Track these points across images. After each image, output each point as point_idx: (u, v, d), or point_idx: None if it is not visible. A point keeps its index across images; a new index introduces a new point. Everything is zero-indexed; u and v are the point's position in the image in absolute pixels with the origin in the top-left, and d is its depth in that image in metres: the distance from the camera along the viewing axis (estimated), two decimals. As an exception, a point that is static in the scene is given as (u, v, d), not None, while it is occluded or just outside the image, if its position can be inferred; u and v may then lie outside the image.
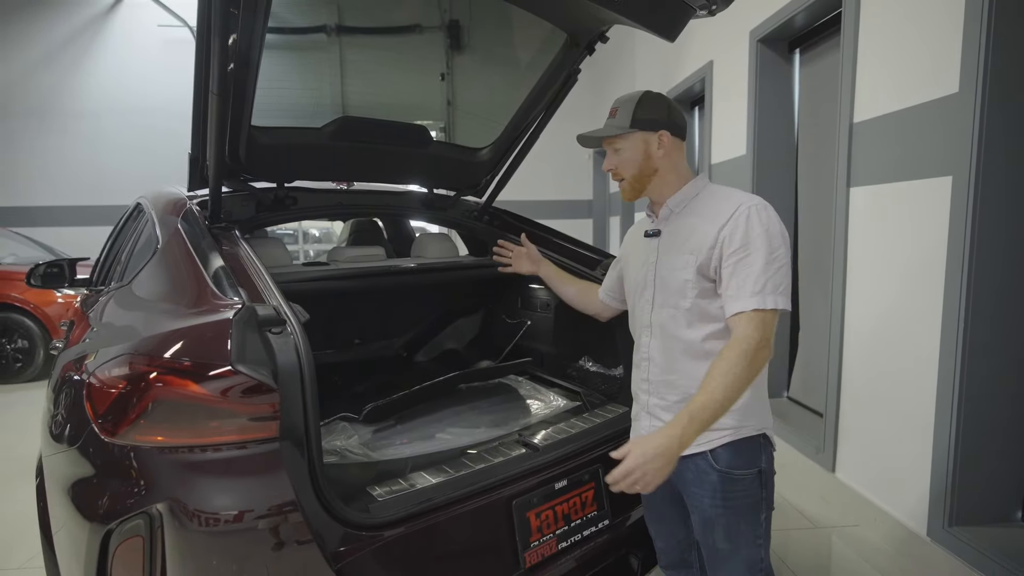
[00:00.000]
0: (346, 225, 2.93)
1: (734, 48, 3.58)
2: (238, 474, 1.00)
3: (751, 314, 1.13)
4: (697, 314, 1.22)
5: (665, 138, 1.26)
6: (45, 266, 2.70)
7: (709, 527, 1.24)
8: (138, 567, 0.98)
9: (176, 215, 1.63)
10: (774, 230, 1.17)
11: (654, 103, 1.27)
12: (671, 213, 1.30)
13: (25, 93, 6.79)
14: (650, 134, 1.26)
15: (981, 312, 1.95)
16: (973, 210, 1.93)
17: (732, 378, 1.09)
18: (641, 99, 1.27)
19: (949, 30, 2.02)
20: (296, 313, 1.21)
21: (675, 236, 1.27)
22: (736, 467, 1.21)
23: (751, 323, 1.13)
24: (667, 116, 1.27)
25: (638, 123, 1.26)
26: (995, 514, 2.04)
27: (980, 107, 1.90)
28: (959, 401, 1.99)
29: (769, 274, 1.14)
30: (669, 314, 1.26)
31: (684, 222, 1.27)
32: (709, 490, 1.22)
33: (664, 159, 1.27)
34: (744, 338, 1.12)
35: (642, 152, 1.27)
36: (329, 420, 1.69)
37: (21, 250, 5.67)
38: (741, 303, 1.14)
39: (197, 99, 1.46)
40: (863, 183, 2.48)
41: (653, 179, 1.29)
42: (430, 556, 1.19)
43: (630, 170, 1.29)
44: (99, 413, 1.04)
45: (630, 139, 1.27)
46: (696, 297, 1.22)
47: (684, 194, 1.29)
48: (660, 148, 1.26)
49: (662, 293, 1.27)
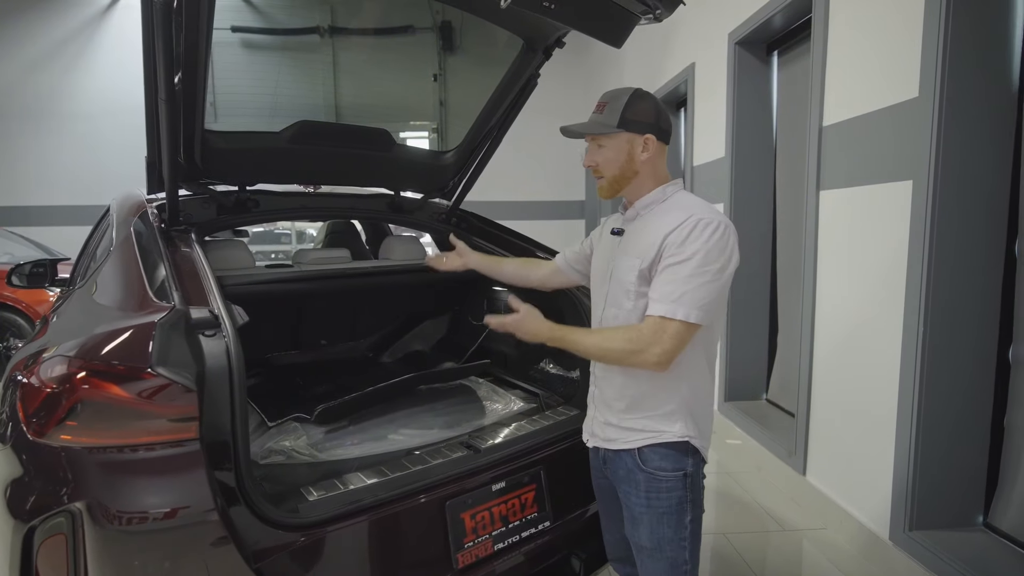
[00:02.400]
0: (323, 227, 2.96)
1: (714, 50, 3.58)
2: (157, 474, 1.02)
3: (657, 319, 1.14)
4: (637, 318, 1.24)
5: (651, 142, 1.24)
6: (31, 265, 2.74)
7: (635, 525, 1.26)
8: (62, 565, 1.00)
9: (133, 217, 1.66)
10: (714, 247, 1.14)
11: (643, 104, 1.24)
12: (636, 215, 1.30)
13: (22, 94, 6.86)
14: (636, 136, 1.23)
15: (940, 316, 1.96)
16: (932, 214, 1.94)
17: (603, 350, 1.20)
18: (631, 98, 1.23)
19: (910, 35, 2.02)
20: (234, 316, 1.23)
21: (632, 238, 1.29)
22: (662, 468, 1.23)
23: (651, 325, 1.15)
24: (655, 119, 1.24)
25: (626, 124, 1.22)
26: (956, 518, 2.04)
27: (939, 112, 1.91)
28: (919, 404, 2.00)
29: (691, 286, 1.13)
30: (613, 314, 1.29)
31: (644, 226, 1.27)
32: (635, 488, 1.25)
33: (646, 163, 1.25)
34: (638, 332, 1.15)
35: (626, 153, 1.24)
36: (282, 420, 1.72)
37: (18, 250, 5.73)
38: (654, 307, 1.15)
39: (148, 103, 1.48)
40: (832, 187, 2.48)
41: (632, 181, 1.28)
42: (357, 557, 1.21)
43: (611, 170, 1.27)
44: (28, 413, 1.06)
45: (615, 138, 1.24)
46: (636, 300, 1.23)
47: (652, 198, 1.28)
48: (644, 152, 1.24)
49: (613, 292, 1.29)
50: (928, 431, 2.00)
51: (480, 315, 2.35)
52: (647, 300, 1.21)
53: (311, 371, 2.20)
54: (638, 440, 1.24)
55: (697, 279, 1.13)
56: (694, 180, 3.97)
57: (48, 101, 6.94)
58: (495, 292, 2.29)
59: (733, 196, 3.40)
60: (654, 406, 1.24)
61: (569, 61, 7.37)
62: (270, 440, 1.60)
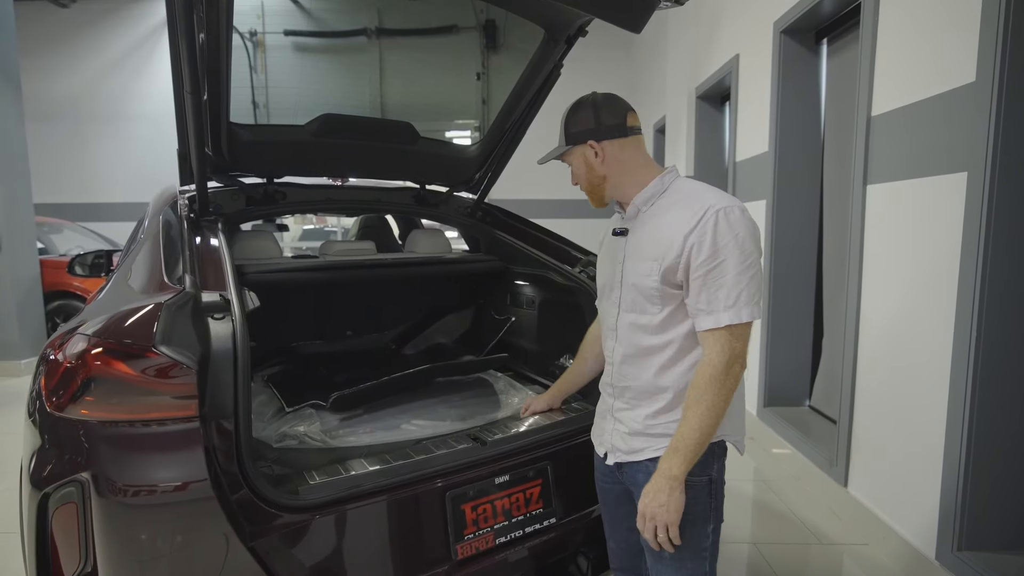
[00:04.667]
0: (356, 220, 3.02)
1: (758, 41, 3.43)
2: (159, 449, 1.06)
3: (724, 332, 1.10)
4: (664, 323, 1.18)
5: (595, 145, 1.22)
6: (92, 256, 2.92)
7: None
8: (73, 531, 1.05)
9: (165, 207, 1.74)
10: (744, 235, 1.10)
11: (581, 112, 1.24)
12: (638, 211, 1.25)
13: (93, 99, 7.37)
14: (583, 146, 1.23)
15: (996, 319, 1.80)
16: (988, 208, 1.78)
17: (705, 406, 1.10)
18: (567, 114, 1.25)
19: (967, 15, 1.87)
20: (245, 301, 1.26)
21: (641, 237, 1.23)
22: (689, 473, 1.16)
23: (719, 342, 1.10)
24: (594, 122, 1.22)
25: (570, 138, 1.24)
26: (1008, 540, 1.87)
27: (997, 97, 1.75)
28: (971, 413, 1.84)
29: (742, 285, 1.09)
30: (633, 319, 1.22)
31: (650, 222, 1.21)
32: None
33: (609, 164, 1.22)
34: (709, 363, 1.10)
35: (583, 165, 1.24)
36: (299, 407, 1.75)
37: (87, 243, 6.15)
38: (714, 318, 1.10)
39: (176, 97, 1.55)
40: (880, 180, 2.33)
41: (605, 185, 1.25)
42: (353, 541, 1.22)
43: (583, 183, 1.27)
44: (49, 387, 1.12)
45: (572, 155, 1.26)
46: (664, 304, 1.17)
47: (650, 191, 1.23)
48: (597, 156, 1.22)
49: (627, 297, 1.23)
50: (981, 442, 1.84)
51: (503, 309, 2.34)
52: (676, 305, 1.16)
53: (335, 361, 2.24)
54: (663, 447, 1.18)
55: (744, 275, 1.10)
56: (736, 176, 3.83)
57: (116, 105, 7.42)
58: (518, 287, 2.27)
59: (776, 193, 3.25)
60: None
61: (614, 58, 7.30)
62: (285, 425, 1.64)
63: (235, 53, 1.54)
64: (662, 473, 1.12)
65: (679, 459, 1.11)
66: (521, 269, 2.18)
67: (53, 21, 7.37)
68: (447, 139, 2.28)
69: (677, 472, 1.11)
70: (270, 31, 6.62)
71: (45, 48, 7.32)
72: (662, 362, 1.19)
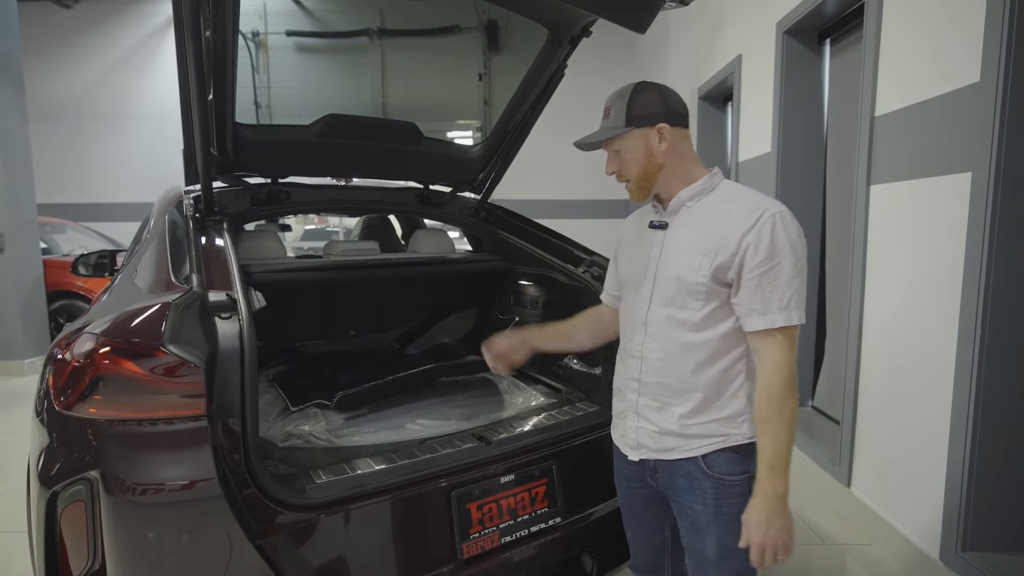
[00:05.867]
0: (358, 221, 3.02)
1: (761, 41, 3.43)
2: (167, 448, 1.06)
3: (780, 333, 1.10)
4: (704, 320, 1.16)
5: (665, 130, 1.16)
6: (96, 256, 2.92)
7: (699, 535, 1.20)
8: (81, 529, 1.06)
9: (170, 207, 1.74)
10: (798, 241, 1.11)
11: (647, 94, 1.18)
12: (682, 206, 1.21)
13: (95, 98, 7.38)
14: (648, 129, 1.17)
15: (1000, 319, 1.80)
16: (992, 209, 1.78)
17: (788, 413, 1.09)
18: (633, 94, 1.18)
19: (971, 15, 1.87)
20: (252, 300, 1.26)
21: (686, 233, 1.19)
22: (730, 473, 1.17)
23: (781, 346, 1.10)
24: (663, 106, 1.17)
25: (634, 120, 1.16)
26: (1012, 540, 1.87)
27: (1002, 97, 1.75)
28: (975, 414, 1.84)
29: (794, 288, 1.10)
30: (670, 314, 1.18)
31: (698, 219, 1.18)
32: (700, 496, 1.19)
33: (669, 152, 1.18)
34: (780, 367, 1.10)
35: (643, 149, 1.18)
36: (304, 406, 1.76)
37: (90, 243, 6.16)
38: (768, 319, 1.10)
39: (182, 97, 1.55)
40: (883, 180, 2.33)
41: (660, 175, 1.20)
42: (359, 539, 1.22)
43: (634, 170, 1.20)
44: (57, 386, 1.13)
45: (628, 138, 1.18)
46: (708, 301, 1.15)
47: (699, 187, 1.19)
48: (662, 142, 1.17)
49: (665, 291, 1.19)
50: (985, 443, 1.84)
51: (507, 309, 2.35)
52: (718, 303, 1.14)
53: (340, 360, 2.25)
54: (703, 446, 1.18)
55: (796, 279, 1.11)
56: (739, 177, 3.83)
57: (118, 105, 7.43)
58: (522, 287, 2.27)
59: (778, 193, 3.25)
60: (719, 408, 1.18)
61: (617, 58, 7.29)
62: (291, 424, 1.64)
63: (239, 53, 1.54)
64: (769, 496, 1.09)
65: (779, 476, 1.09)
66: (525, 269, 2.19)
67: (56, 21, 7.38)
68: (450, 139, 2.28)
69: (783, 490, 1.09)
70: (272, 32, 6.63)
71: (48, 48, 7.34)
72: (699, 360, 1.17)
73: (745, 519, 1.11)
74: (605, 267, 1.88)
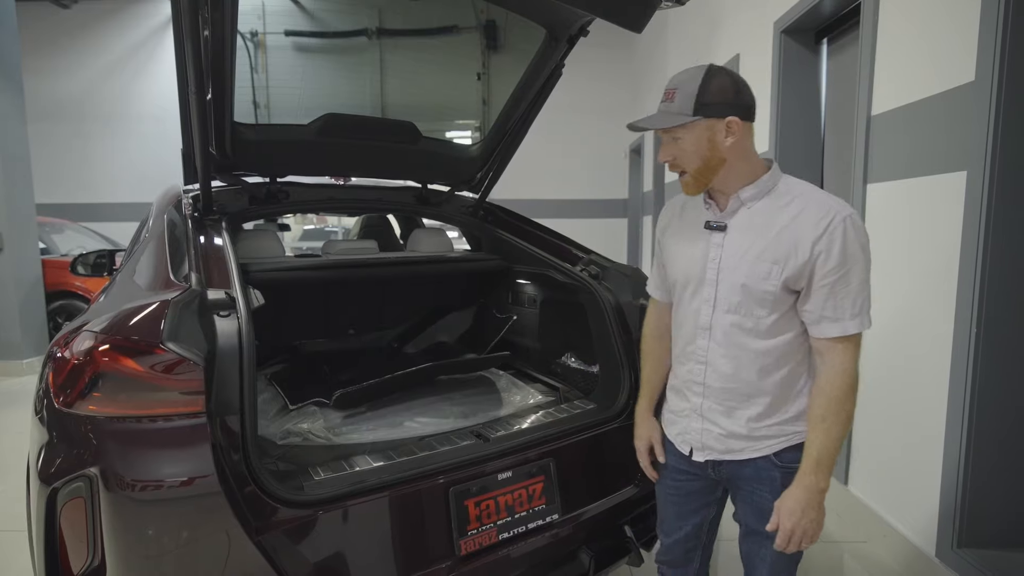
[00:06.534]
0: (357, 220, 3.03)
1: (759, 40, 3.44)
2: (167, 445, 1.07)
3: (849, 340, 1.09)
4: (772, 328, 1.14)
5: (734, 124, 1.07)
6: (94, 255, 2.92)
7: (763, 516, 1.19)
8: (81, 526, 1.06)
9: (169, 206, 1.75)
10: (866, 244, 1.09)
11: (720, 83, 1.08)
12: (741, 206, 1.15)
13: (96, 98, 7.38)
14: (716, 121, 1.07)
15: (995, 317, 1.81)
16: (987, 207, 1.79)
17: (845, 416, 1.09)
18: (705, 79, 1.07)
19: (966, 14, 1.88)
20: (250, 298, 1.27)
21: (750, 239, 1.13)
22: (796, 460, 1.16)
23: (848, 352, 1.09)
24: (735, 96, 1.08)
25: (702, 108, 1.07)
26: (1008, 537, 1.88)
27: (996, 97, 1.76)
28: (971, 412, 1.85)
29: (864, 293, 1.09)
30: (736, 321, 1.15)
31: (761, 223, 1.12)
32: (769, 485, 1.20)
33: (733, 147, 1.09)
34: (846, 371, 1.09)
35: (707, 141, 1.09)
36: (303, 404, 1.77)
37: (89, 243, 6.16)
38: (841, 326, 1.08)
39: (181, 95, 1.56)
40: (880, 179, 2.34)
41: (721, 170, 1.12)
42: (358, 535, 1.23)
43: (692, 163, 1.11)
44: (57, 384, 1.13)
45: (692, 128, 1.09)
46: (774, 308, 1.12)
47: (760, 186, 1.13)
48: (729, 136, 1.08)
49: (729, 297, 1.15)
50: (980, 440, 1.85)
51: (505, 308, 2.35)
52: (784, 310, 1.13)
53: (338, 359, 2.26)
54: (771, 446, 1.18)
55: (866, 284, 1.09)
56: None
57: (117, 105, 7.43)
58: (520, 285, 2.28)
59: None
60: (785, 411, 1.18)
61: (615, 58, 7.31)
62: (289, 422, 1.65)
63: (237, 53, 1.55)
64: (810, 488, 1.09)
65: (823, 472, 1.09)
66: (523, 268, 2.20)
67: (55, 21, 7.39)
68: (449, 139, 2.28)
69: (824, 485, 1.10)
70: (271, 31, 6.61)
71: (46, 48, 7.34)
72: (765, 365, 1.16)
73: (779, 504, 1.12)
74: (603, 266, 1.89)
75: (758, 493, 1.22)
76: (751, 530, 1.26)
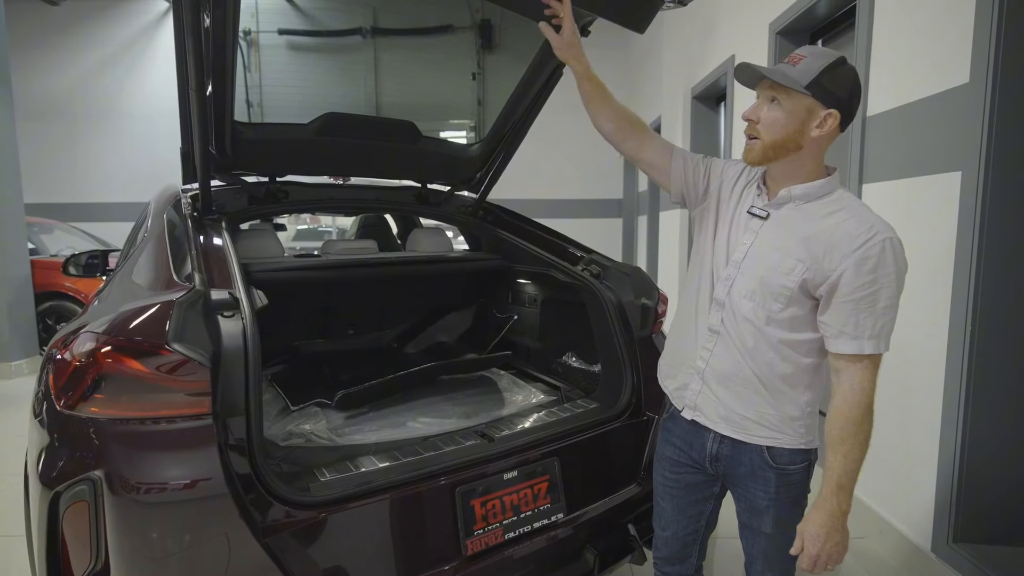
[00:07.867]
0: (355, 220, 3.02)
1: (754, 41, 3.47)
2: (172, 447, 1.06)
3: (867, 360, 1.08)
4: (789, 322, 1.14)
5: (831, 119, 1.07)
6: (86, 256, 2.89)
7: (757, 515, 1.23)
8: (84, 530, 1.05)
9: (168, 206, 1.73)
10: (902, 270, 1.07)
11: (843, 75, 1.07)
12: (790, 200, 1.14)
13: (86, 97, 7.30)
14: (819, 106, 1.06)
15: (990, 315, 1.83)
16: (982, 207, 1.81)
17: (863, 436, 1.09)
18: (833, 63, 1.06)
19: (960, 16, 1.90)
20: (254, 299, 1.26)
21: (786, 231, 1.13)
22: (791, 463, 1.19)
23: (866, 370, 1.09)
24: (849, 96, 1.08)
25: (816, 87, 1.05)
26: (1004, 532, 1.90)
27: (990, 98, 1.79)
28: (965, 409, 1.88)
29: (888, 317, 1.07)
30: (751, 308, 1.16)
31: (802, 221, 1.12)
32: (763, 485, 1.21)
33: (815, 140, 1.08)
34: (862, 390, 1.09)
35: (799, 121, 1.07)
36: (304, 405, 1.76)
37: (79, 243, 6.08)
38: (858, 344, 1.07)
39: (180, 94, 1.54)
40: (874, 180, 2.36)
41: (790, 155, 1.10)
42: (365, 536, 1.22)
43: (773, 133, 1.09)
44: (58, 386, 1.12)
45: (796, 99, 1.06)
46: (787, 306, 1.12)
47: (815, 188, 1.12)
48: (820, 128, 1.07)
49: (748, 284, 1.16)
50: (975, 437, 1.87)
51: (505, 308, 2.35)
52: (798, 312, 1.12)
53: (338, 359, 2.25)
54: (761, 438, 1.20)
55: (891, 309, 1.07)
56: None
57: (107, 104, 7.35)
58: (520, 285, 2.28)
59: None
60: (778, 406, 1.19)
61: (610, 57, 7.32)
62: (292, 424, 1.64)
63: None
64: (832, 513, 1.09)
65: (845, 495, 1.10)
66: (523, 267, 2.20)
67: (43, 18, 7.29)
68: (448, 139, 2.28)
69: (846, 507, 1.10)
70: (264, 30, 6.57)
71: (35, 46, 7.24)
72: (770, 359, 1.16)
73: (802, 529, 1.12)
74: (604, 265, 1.90)
75: (752, 491, 1.24)
76: (744, 524, 1.29)
